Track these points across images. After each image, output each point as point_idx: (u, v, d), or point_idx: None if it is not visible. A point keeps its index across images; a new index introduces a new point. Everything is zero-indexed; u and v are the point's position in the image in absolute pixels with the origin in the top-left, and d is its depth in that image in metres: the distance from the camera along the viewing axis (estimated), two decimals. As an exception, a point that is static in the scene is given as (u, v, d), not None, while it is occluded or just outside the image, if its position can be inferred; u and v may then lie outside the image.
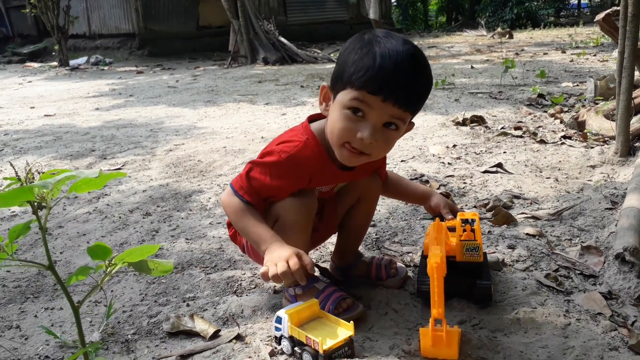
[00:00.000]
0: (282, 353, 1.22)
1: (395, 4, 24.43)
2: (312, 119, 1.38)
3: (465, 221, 1.40)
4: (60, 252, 1.88)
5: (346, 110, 1.19)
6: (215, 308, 1.45)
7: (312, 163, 1.29)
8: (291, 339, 1.19)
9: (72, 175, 0.62)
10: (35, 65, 11.15)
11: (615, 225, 1.75)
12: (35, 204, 0.69)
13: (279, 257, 1.19)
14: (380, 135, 1.19)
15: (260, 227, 1.28)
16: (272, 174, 1.28)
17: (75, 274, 0.72)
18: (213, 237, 1.94)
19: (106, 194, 2.51)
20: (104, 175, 0.64)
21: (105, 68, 10.08)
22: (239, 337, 1.30)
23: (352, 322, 1.17)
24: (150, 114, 4.71)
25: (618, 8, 2.76)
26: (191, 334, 1.33)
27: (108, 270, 0.73)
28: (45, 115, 4.82)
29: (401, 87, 1.15)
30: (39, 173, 0.67)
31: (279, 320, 1.22)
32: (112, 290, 1.59)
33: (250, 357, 1.21)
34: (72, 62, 10.57)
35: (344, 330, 1.19)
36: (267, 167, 1.29)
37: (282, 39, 9.49)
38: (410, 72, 1.17)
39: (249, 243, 1.46)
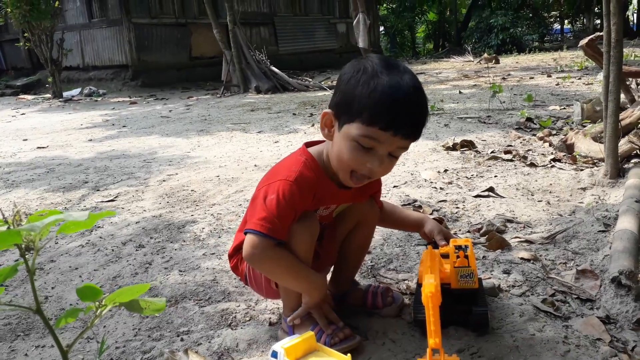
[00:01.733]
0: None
1: (383, 32, 24.89)
2: (309, 145, 1.40)
3: (458, 247, 1.40)
4: (52, 288, 1.85)
5: (354, 143, 1.22)
6: (209, 342, 1.43)
7: (314, 181, 1.31)
8: None
9: (59, 218, 0.62)
10: (29, 97, 11.19)
11: (610, 248, 1.75)
12: (23, 246, 0.68)
13: (325, 299, 1.38)
14: (387, 163, 1.26)
15: (305, 269, 1.33)
16: (286, 199, 1.25)
17: (65, 317, 0.71)
18: (207, 268, 1.92)
19: (99, 227, 2.49)
20: (93, 215, 0.64)
21: (99, 99, 10.13)
22: (234, 372, 1.27)
23: (349, 354, 1.15)
24: (143, 144, 4.72)
25: (601, 34, 2.83)
26: (186, 370, 1.31)
27: (98, 312, 0.71)
28: (38, 148, 4.81)
29: (411, 121, 1.21)
30: (26, 215, 0.66)
31: (274, 354, 1.20)
32: (104, 326, 1.57)
33: (246, 393, 1.18)
34: (65, 94, 10.63)
35: None
36: (281, 197, 1.25)
37: (274, 68, 9.62)
38: (417, 105, 1.22)
39: (252, 273, 1.45)
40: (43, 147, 4.81)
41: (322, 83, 9.75)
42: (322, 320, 1.35)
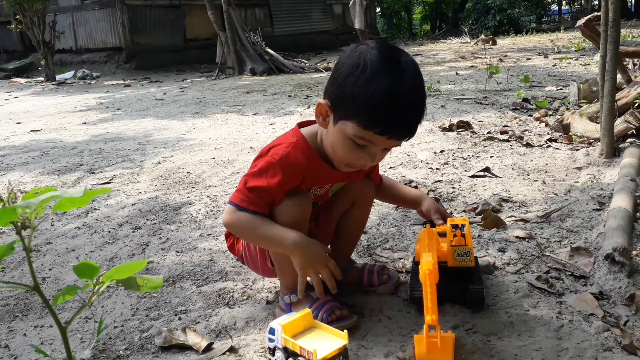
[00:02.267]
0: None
1: (379, 13, 24.65)
2: (302, 125, 1.39)
3: (455, 226, 1.41)
4: (49, 269, 1.86)
5: (349, 141, 1.22)
6: (207, 320, 1.44)
7: (304, 163, 1.31)
8: (285, 349, 1.19)
9: (55, 195, 0.62)
10: (22, 80, 11.07)
11: (604, 226, 1.76)
12: (19, 224, 0.68)
13: (317, 260, 1.29)
14: (379, 156, 1.28)
15: (276, 228, 1.29)
16: (267, 175, 1.28)
17: (62, 294, 0.71)
18: (204, 249, 1.93)
19: (95, 209, 2.48)
20: (88, 192, 0.64)
21: (93, 82, 10.03)
22: (232, 350, 1.29)
23: (346, 331, 1.16)
24: (138, 127, 4.69)
25: (598, 14, 2.81)
26: (184, 348, 1.32)
27: (96, 288, 0.72)
28: (31, 131, 4.77)
29: (407, 126, 1.21)
30: (21, 193, 0.66)
31: (272, 331, 1.22)
32: (102, 306, 1.57)
33: (244, 369, 1.20)
34: (58, 77, 10.52)
35: (338, 340, 1.18)
36: (261, 172, 1.29)
37: (269, 50, 9.53)
38: (415, 109, 1.20)
39: (247, 252, 1.46)
40: (37, 131, 4.78)
41: (318, 65, 9.68)
42: (318, 288, 1.32)
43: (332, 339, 1.19)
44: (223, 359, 1.26)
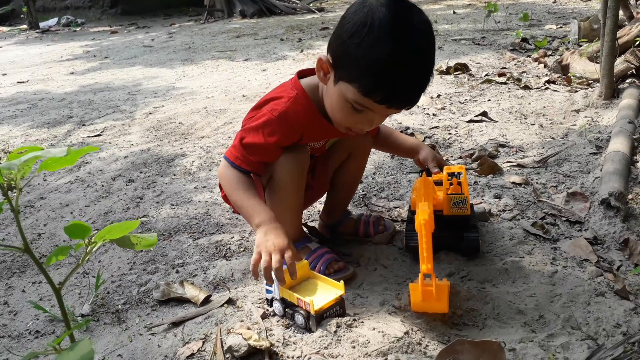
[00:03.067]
0: (274, 315, 1.22)
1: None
2: (302, 74, 1.33)
3: (451, 175, 1.39)
4: (44, 225, 1.85)
5: (348, 104, 1.16)
6: (205, 273, 1.44)
7: (304, 119, 1.26)
8: (282, 300, 1.20)
9: (38, 155, 0.59)
10: (4, 29, 10.69)
11: (600, 170, 1.75)
12: (5, 185, 0.65)
13: (274, 245, 1.14)
14: (378, 121, 1.23)
15: (254, 200, 1.24)
16: (264, 132, 1.24)
17: (55, 254, 0.70)
18: (199, 201, 1.92)
19: (87, 162, 2.45)
20: (73, 152, 0.61)
21: (78, 29, 9.70)
22: (230, 302, 1.30)
23: (342, 281, 1.17)
24: (127, 75, 4.58)
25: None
26: (182, 301, 1.33)
27: (88, 248, 0.70)
28: (18, 82, 4.65)
29: (408, 97, 1.15)
30: (5, 153, 0.63)
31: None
32: (99, 261, 1.58)
33: (242, 321, 1.21)
34: (42, 25, 10.16)
35: (335, 290, 1.19)
36: (259, 128, 1.25)
37: (259, -9, 9.17)
38: (420, 80, 1.13)
39: None
40: (23, 82, 4.66)
41: (311, 5, 9.36)
42: (265, 271, 1.14)
43: (328, 289, 1.20)
44: (221, 310, 1.27)
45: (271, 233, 1.17)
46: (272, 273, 1.14)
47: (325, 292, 1.20)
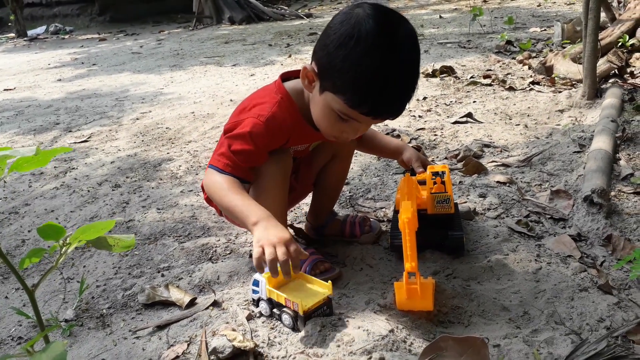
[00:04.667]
0: (261, 315, 1.22)
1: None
2: (285, 76, 1.33)
3: (435, 174, 1.40)
4: (28, 231, 1.83)
5: (334, 114, 1.16)
6: (190, 276, 1.44)
7: (289, 122, 1.26)
8: (269, 301, 1.19)
9: (6, 155, 0.59)
10: (-10, 37, 10.61)
11: (584, 168, 1.77)
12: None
13: (277, 238, 1.09)
14: (362, 130, 1.24)
15: (249, 200, 1.21)
16: (253, 138, 1.22)
17: (28, 257, 0.69)
18: (185, 205, 1.91)
19: (73, 168, 2.44)
20: (42, 152, 0.61)
21: (66, 37, 9.65)
22: (215, 304, 1.29)
23: (330, 281, 1.17)
24: (114, 82, 4.56)
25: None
26: (167, 304, 1.32)
27: (63, 250, 0.70)
28: (4, 90, 4.62)
29: (394, 110, 1.16)
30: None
31: (256, 283, 1.22)
32: (84, 266, 1.57)
33: (227, 322, 1.21)
34: (30, 32, 10.11)
35: (322, 290, 1.19)
36: (247, 136, 1.22)
37: (248, -3, 9.18)
38: (406, 93, 1.14)
39: None
40: (10, 89, 4.62)
41: (299, 11, 9.39)
42: (271, 264, 1.08)
43: (316, 289, 1.20)
44: (207, 313, 1.26)
45: (272, 228, 1.13)
46: (278, 265, 1.09)
47: (313, 292, 1.20)
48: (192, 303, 1.31)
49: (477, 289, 1.25)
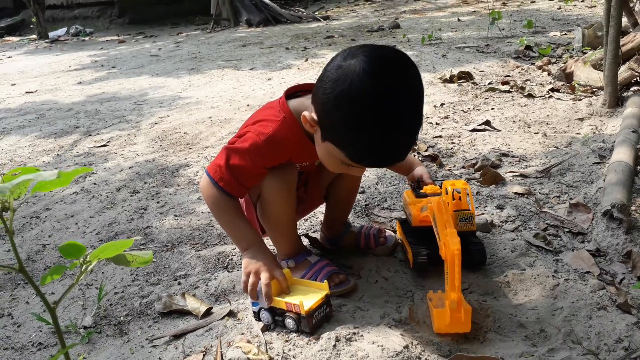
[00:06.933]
0: (274, 327, 1.23)
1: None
2: (290, 92, 1.33)
3: (457, 191, 1.39)
4: (49, 236, 1.87)
5: (337, 159, 1.17)
6: (206, 285, 1.45)
7: (291, 142, 1.25)
8: (270, 309, 1.21)
9: (28, 179, 0.60)
10: (14, 39, 10.82)
11: (603, 181, 1.74)
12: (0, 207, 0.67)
13: (259, 266, 1.23)
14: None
15: (240, 223, 1.27)
16: (252, 157, 1.22)
17: (50, 274, 0.71)
18: (202, 212, 1.93)
19: (93, 173, 2.47)
20: (64, 174, 0.62)
21: (86, 39, 9.80)
22: (231, 314, 1.30)
23: (325, 281, 1.22)
24: (133, 85, 4.62)
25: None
26: (184, 313, 1.34)
27: (83, 268, 0.71)
28: (26, 92, 4.70)
29: (397, 159, 1.17)
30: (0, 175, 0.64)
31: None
32: (102, 272, 1.59)
33: (242, 334, 1.22)
34: (51, 34, 10.28)
35: (319, 290, 1.22)
36: (245, 153, 1.22)
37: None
38: (408, 145, 1.14)
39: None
40: (32, 92, 4.71)
41: (316, 13, 9.40)
42: (251, 290, 1.23)
43: (313, 291, 1.23)
44: (222, 323, 1.27)
45: (258, 255, 1.26)
46: (259, 292, 1.22)
47: (311, 293, 1.23)
48: (208, 312, 1.32)
49: (494, 304, 1.24)
